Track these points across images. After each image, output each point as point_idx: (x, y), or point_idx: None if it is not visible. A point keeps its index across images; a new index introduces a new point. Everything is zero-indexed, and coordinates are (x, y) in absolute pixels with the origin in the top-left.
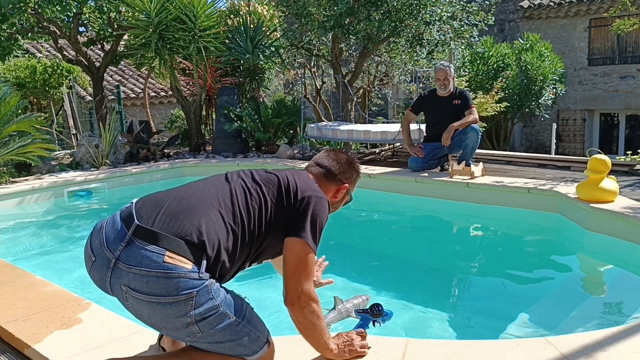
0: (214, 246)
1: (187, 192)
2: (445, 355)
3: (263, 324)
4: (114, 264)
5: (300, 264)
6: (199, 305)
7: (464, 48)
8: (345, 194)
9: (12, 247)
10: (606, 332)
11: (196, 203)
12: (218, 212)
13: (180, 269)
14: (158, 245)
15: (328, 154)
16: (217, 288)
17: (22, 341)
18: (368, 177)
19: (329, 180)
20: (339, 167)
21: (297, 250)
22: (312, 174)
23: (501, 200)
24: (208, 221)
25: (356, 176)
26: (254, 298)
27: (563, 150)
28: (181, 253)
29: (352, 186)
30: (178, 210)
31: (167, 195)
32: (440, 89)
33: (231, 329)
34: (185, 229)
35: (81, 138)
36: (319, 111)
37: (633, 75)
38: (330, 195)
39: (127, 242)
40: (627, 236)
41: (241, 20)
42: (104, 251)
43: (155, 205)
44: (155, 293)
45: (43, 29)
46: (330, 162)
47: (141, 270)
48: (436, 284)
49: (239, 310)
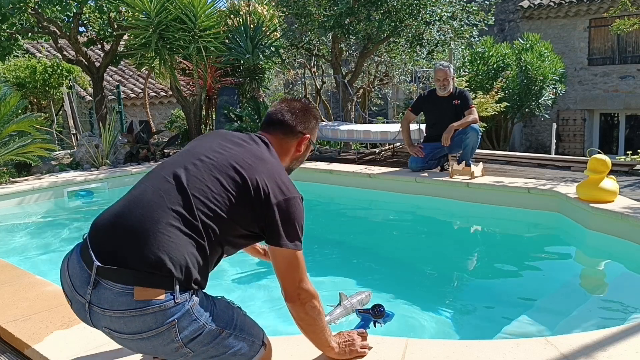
0: (181, 267)
1: (138, 209)
2: (445, 355)
3: (257, 327)
4: (88, 307)
5: (291, 266)
6: (183, 329)
7: (464, 48)
8: (308, 144)
9: (12, 247)
10: (606, 332)
11: (150, 223)
12: (176, 226)
13: (153, 302)
14: (124, 284)
15: (281, 108)
16: (199, 307)
17: (22, 341)
18: (368, 177)
19: (288, 136)
20: (295, 119)
21: (285, 256)
22: (270, 135)
23: (501, 200)
24: (169, 241)
25: (315, 123)
26: (252, 298)
27: (563, 150)
28: (150, 285)
29: (313, 134)
30: (134, 236)
31: (118, 216)
32: (440, 90)
33: (223, 342)
34: (147, 258)
35: (81, 138)
36: (319, 111)
37: (633, 75)
38: (293, 150)
39: (94, 284)
40: (627, 236)
41: (241, 20)
42: (75, 296)
43: (109, 235)
44: (136, 331)
45: (43, 29)
46: (285, 116)
47: (115, 312)
48: (436, 283)
49: (229, 321)
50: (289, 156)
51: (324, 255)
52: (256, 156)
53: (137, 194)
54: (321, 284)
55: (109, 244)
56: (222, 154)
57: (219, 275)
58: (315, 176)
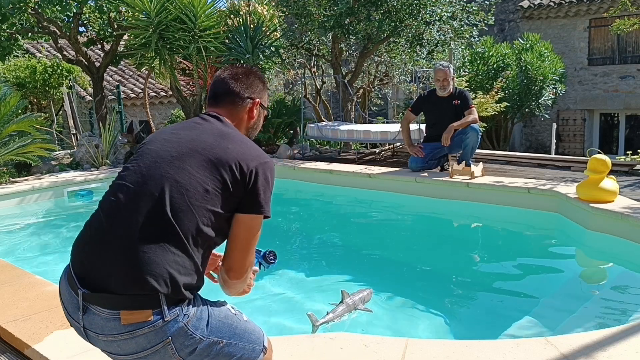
0: (165, 280)
1: (112, 227)
2: (445, 355)
3: (257, 331)
4: (84, 331)
5: (255, 237)
6: (180, 345)
7: (464, 48)
8: (260, 109)
9: (12, 247)
10: (606, 332)
11: (126, 240)
12: (153, 238)
13: (141, 325)
14: (110, 309)
15: (223, 77)
16: (194, 322)
17: (22, 341)
18: (368, 177)
19: (238, 105)
20: (241, 85)
21: (255, 224)
22: (219, 109)
23: (501, 200)
24: (147, 258)
25: (262, 86)
26: (252, 298)
27: (563, 150)
28: (135, 308)
29: (264, 97)
30: (112, 258)
31: (94, 236)
32: (440, 90)
33: (224, 352)
34: (128, 281)
35: (81, 138)
36: (319, 111)
37: (633, 75)
38: (246, 118)
39: (84, 310)
40: (627, 236)
41: (241, 20)
42: (71, 321)
43: (88, 258)
44: (131, 352)
45: (43, 29)
46: (229, 85)
47: (107, 337)
48: (436, 283)
49: (228, 331)
50: (243, 125)
51: (324, 254)
52: (214, 134)
53: (109, 209)
54: (321, 283)
55: (90, 268)
56: (180, 143)
57: None
58: (315, 176)
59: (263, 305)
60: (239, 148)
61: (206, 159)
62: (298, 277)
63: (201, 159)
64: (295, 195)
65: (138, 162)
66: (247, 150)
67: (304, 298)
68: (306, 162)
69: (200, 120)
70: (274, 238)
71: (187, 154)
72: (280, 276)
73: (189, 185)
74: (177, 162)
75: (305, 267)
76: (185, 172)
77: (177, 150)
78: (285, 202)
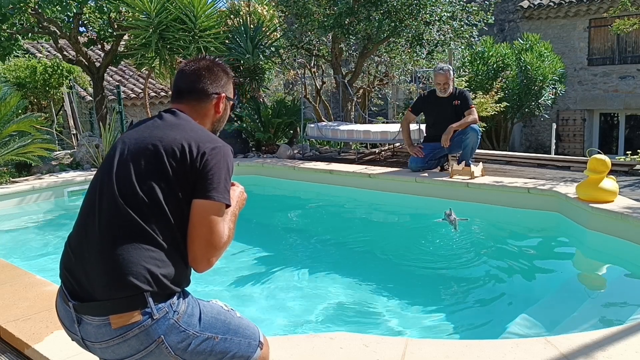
0: (146, 278)
1: (87, 237)
2: (445, 355)
3: (252, 327)
4: (83, 342)
5: (216, 227)
6: (173, 343)
7: (464, 48)
8: (225, 103)
9: (12, 247)
10: (606, 332)
11: (100, 246)
12: (124, 238)
13: (131, 326)
14: (99, 316)
15: (187, 73)
16: (186, 319)
17: (22, 341)
18: (368, 177)
19: (202, 102)
20: (205, 81)
21: (209, 211)
22: (182, 105)
23: (501, 200)
24: (121, 259)
25: (227, 78)
26: (252, 298)
27: (563, 150)
28: (122, 310)
29: (229, 90)
30: (91, 266)
31: (74, 248)
32: (440, 93)
33: (219, 348)
34: (109, 286)
35: (81, 138)
36: (319, 111)
37: (633, 75)
38: (212, 113)
39: (78, 322)
40: (627, 236)
41: (241, 21)
42: (70, 335)
43: (72, 270)
44: (127, 356)
45: (43, 29)
46: (193, 83)
47: (102, 344)
48: (436, 283)
49: (221, 326)
50: (209, 120)
51: (324, 254)
52: (166, 126)
53: (83, 220)
54: (321, 283)
55: (75, 280)
56: (136, 142)
57: (218, 275)
58: (315, 176)
59: (263, 305)
60: (189, 134)
61: (156, 150)
62: (298, 277)
63: (152, 151)
64: (295, 195)
65: (99, 170)
66: (197, 136)
67: (303, 298)
68: (306, 162)
69: (156, 118)
70: (274, 238)
71: (142, 150)
72: (279, 276)
73: (142, 183)
74: (129, 162)
75: (305, 267)
76: (139, 168)
77: (133, 149)
78: (285, 202)
